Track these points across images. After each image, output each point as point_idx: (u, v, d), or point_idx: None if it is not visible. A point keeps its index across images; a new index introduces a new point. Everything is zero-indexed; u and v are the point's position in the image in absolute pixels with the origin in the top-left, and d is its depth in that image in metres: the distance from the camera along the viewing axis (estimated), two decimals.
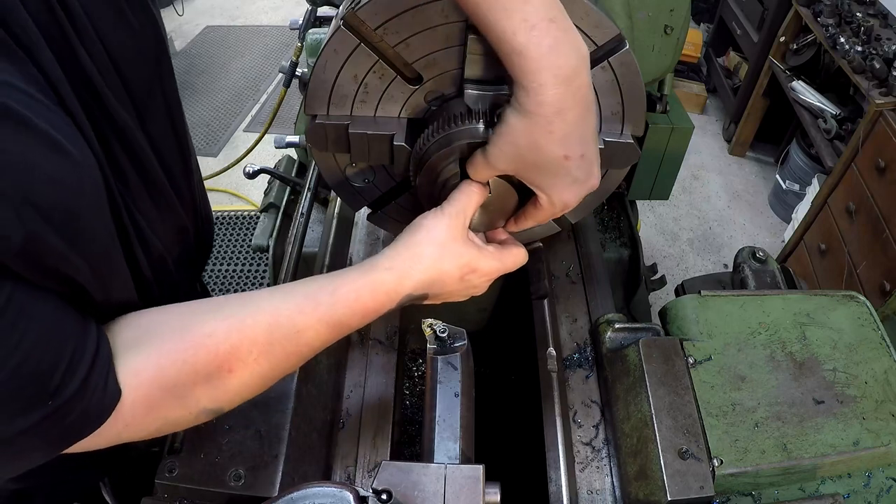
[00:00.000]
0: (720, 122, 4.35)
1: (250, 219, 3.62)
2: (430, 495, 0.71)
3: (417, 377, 1.50)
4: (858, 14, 2.73)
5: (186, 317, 0.67)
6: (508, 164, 0.76)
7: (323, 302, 0.70)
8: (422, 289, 0.75)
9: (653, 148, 1.55)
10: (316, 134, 0.95)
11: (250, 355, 0.66)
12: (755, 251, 1.27)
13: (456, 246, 0.77)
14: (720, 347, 0.98)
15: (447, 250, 0.76)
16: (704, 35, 4.56)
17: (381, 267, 0.74)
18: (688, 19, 1.31)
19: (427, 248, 0.76)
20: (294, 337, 0.68)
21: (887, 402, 0.92)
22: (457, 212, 0.79)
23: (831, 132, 2.88)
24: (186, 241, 0.94)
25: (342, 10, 0.91)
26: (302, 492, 0.67)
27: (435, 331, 0.93)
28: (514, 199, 0.92)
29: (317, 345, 0.71)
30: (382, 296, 0.73)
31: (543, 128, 0.68)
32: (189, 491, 0.82)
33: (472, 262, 0.78)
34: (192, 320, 0.66)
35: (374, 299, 0.72)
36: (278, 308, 0.68)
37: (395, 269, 0.74)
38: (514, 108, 0.71)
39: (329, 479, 0.94)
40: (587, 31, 0.87)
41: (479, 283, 0.82)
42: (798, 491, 0.89)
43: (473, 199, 0.81)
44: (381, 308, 0.74)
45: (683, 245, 3.49)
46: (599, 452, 0.99)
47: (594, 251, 1.34)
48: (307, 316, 0.69)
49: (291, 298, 0.70)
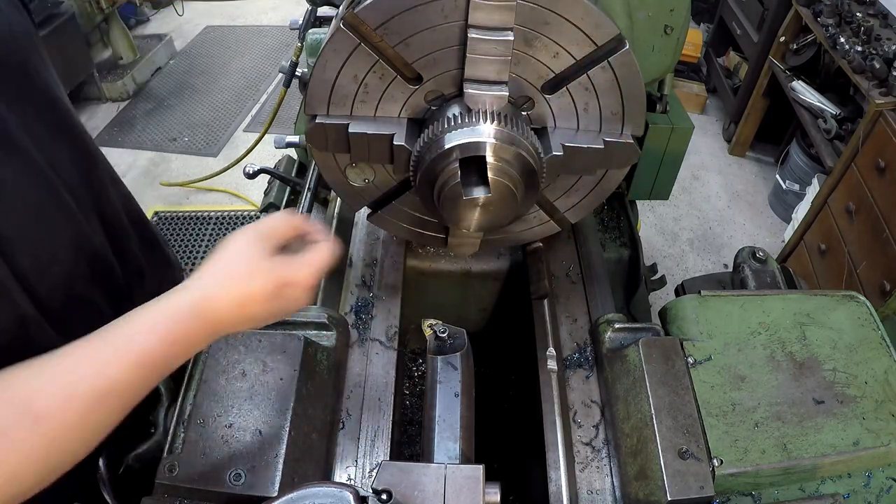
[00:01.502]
0: (720, 122, 4.35)
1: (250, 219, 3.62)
2: (430, 495, 0.71)
3: (417, 377, 1.50)
4: (858, 14, 2.73)
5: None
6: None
7: (121, 333, 0.65)
8: (232, 309, 0.70)
9: (653, 148, 1.55)
10: (316, 134, 0.95)
11: (52, 404, 0.60)
12: (755, 251, 1.27)
13: (263, 262, 0.72)
14: (720, 347, 0.98)
15: (254, 267, 0.71)
16: (704, 35, 4.56)
17: (179, 289, 0.70)
18: (688, 19, 1.31)
19: (231, 266, 0.72)
20: (97, 382, 0.62)
21: (887, 402, 0.92)
22: (266, 230, 0.75)
23: (831, 132, 2.88)
24: (88, 252, 0.90)
25: (342, 10, 0.91)
26: (302, 492, 0.67)
27: (435, 331, 0.93)
28: (514, 200, 0.92)
29: (125, 385, 0.64)
30: (184, 320, 0.67)
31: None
32: (189, 491, 0.82)
33: (284, 276, 0.72)
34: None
35: (174, 325, 0.67)
36: (80, 350, 0.64)
37: (194, 289, 0.69)
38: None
39: (329, 479, 0.94)
40: (587, 31, 0.87)
41: (298, 295, 0.75)
42: (798, 491, 0.89)
43: (288, 220, 0.78)
44: (188, 335, 0.68)
45: (683, 245, 3.49)
46: (599, 452, 0.99)
47: (594, 251, 1.34)
48: (106, 352, 0.64)
49: (96, 336, 0.65)
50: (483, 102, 0.89)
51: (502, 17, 0.84)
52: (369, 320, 1.16)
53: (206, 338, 0.71)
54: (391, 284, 1.23)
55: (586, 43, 0.88)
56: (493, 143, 0.88)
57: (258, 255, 0.72)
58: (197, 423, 0.86)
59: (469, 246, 1.17)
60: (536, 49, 0.89)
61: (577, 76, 0.92)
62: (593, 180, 1.08)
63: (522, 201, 0.94)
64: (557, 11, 0.85)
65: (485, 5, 0.82)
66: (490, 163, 0.88)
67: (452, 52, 0.88)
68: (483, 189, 0.89)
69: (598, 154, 0.98)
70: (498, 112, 0.89)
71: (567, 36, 0.88)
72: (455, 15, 0.84)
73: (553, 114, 0.97)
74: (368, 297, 1.20)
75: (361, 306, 1.18)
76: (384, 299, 1.20)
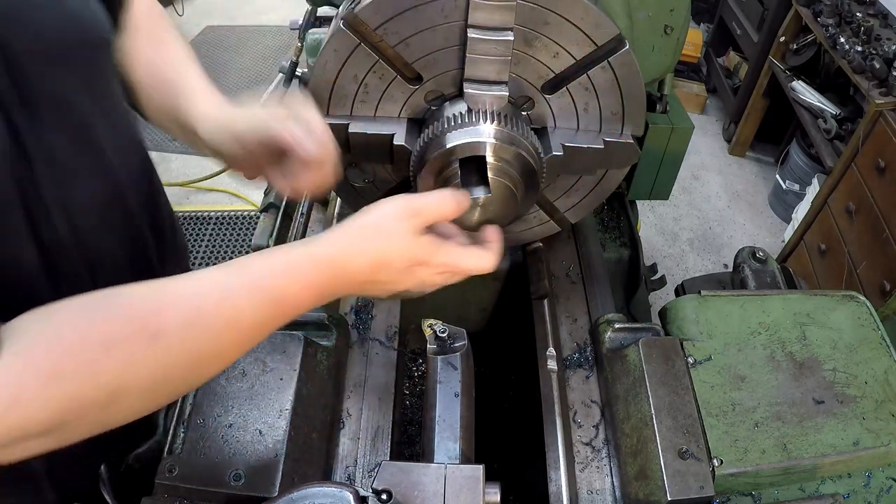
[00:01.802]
0: (720, 122, 4.35)
1: (250, 219, 3.62)
2: (430, 495, 0.71)
3: (417, 377, 1.50)
4: (858, 14, 2.73)
5: (99, 294, 0.58)
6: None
7: (253, 268, 0.63)
8: (366, 267, 0.69)
9: (653, 148, 1.55)
10: None
11: (174, 322, 0.57)
12: (755, 251, 1.27)
13: (406, 235, 0.70)
14: (720, 347, 0.98)
15: (395, 233, 0.70)
16: (704, 35, 4.56)
17: (321, 240, 0.68)
18: (688, 19, 1.31)
19: (372, 227, 0.70)
20: (223, 306, 0.60)
21: (887, 402, 0.92)
22: (419, 206, 0.72)
23: (831, 132, 2.88)
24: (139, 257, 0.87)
25: (342, 10, 0.91)
26: (302, 492, 0.67)
27: (435, 331, 0.93)
28: (514, 200, 0.92)
29: (250, 320, 0.62)
30: (323, 268, 0.66)
31: None
32: (189, 491, 0.82)
33: (422, 255, 0.71)
34: (106, 293, 0.57)
35: (312, 269, 0.66)
36: (204, 275, 0.61)
37: (336, 244, 0.68)
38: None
39: (329, 479, 0.94)
40: (587, 31, 0.87)
41: (430, 278, 0.73)
42: (798, 491, 0.89)
43: (444, 205, 0.74)
44: (321, 283, 0.66)
45: (683, 245, 3.49)
46: (599, 452, 0.99)
47: (594, 251, 1.34)
48: (236, 281, 0.61)
49: (221, 268, 0.63)
50: (483, 102, 0.90)
51: (502, 17, 0.84)
52: (369, 320, 1.16)
53: (338, 291, 0.69)
54: None
55: (586, 43, 0.88)
56: (493, 143, 0.88)
57: (403, 226, 0.70)
58: (197, 423, 0.86)
59: None
60: (536, 49, 0.89)
61: (577, 76, 0.92)
62: (593, 180, 1.08)
63: (522, 201, 0.94)
64: (557, 11, 0.85)
65: (485, 5, 0.82)
66: (490, 163, 0.88)
67: (452, 52, 0.88)
68: (483, 189, 0.89)
69: (598, 154, 0.98)
70: (498, 112, 0.89)
71: (567, 36, 0.88)
72: (455, 15, 0.84)
73: (553, 114, 0.97)
74: (368, 297, 1.20)
75: (361, 306, 1.18)
76: (384, 299, 1.20)
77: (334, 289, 0.69)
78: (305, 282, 0.65)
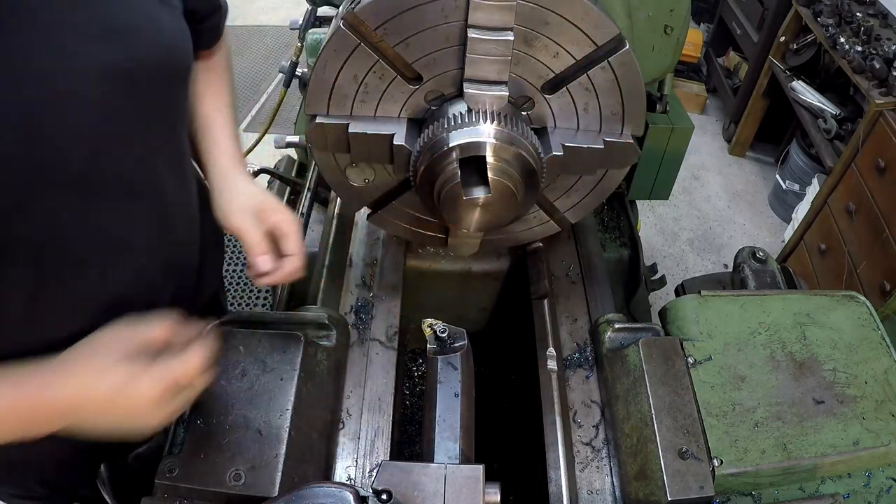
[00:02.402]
0: (720, 122, 4.35)
1: None
2: (430, 495, 0.71)
3: (417, 377, 1.51)
4: (858, 14, 2.73)
5: None
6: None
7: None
8: (66, 400, 0.66)
9: (653, 148, 1.55)
10: (316, 134, 0.95)
11: None
12: (755, 251, 1.27)
13: (110, 362, 0.67)
14: (720, 347, 0.98)
15: (98, 364, 0.67)
16: (704, 35, 4.56)
17: (27, 371, 0.67)
18: (688, 19, 1.31)
19: (80, 358, 0.68)
20: None
21: (887, 402, 0.92)
22: (130, 333, 0.70)
23: (831, 132, 2.88)
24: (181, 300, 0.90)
25: (342, 10, 0.91)
26: (302, 492, 0.67)
27: (435, 331, 0.93)
28: (514, 200, 0.92)
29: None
30: (24, 401, 0.66)
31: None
32: (189, 491, 0.82)
33: (122, 382, 0.66)
34: None
35: (18, 393, 0.65)
36: None
37: (43, 372, 0.66)
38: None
39: (329, 479, 0.94)
40: (587, 31, 0.87)
41: (140, 407, 0.68)
42: (798, 491, 0.89)
43: (159, 330, 0.72)
44: (21, 411, 0.66)
45: (683, 245, 3.49)
46: (599, 452, 0.99)
47: (594, 251, 1.34)
48: None
49: None
50: (483, 102, 0.90)
51: (502, 17, 0.84)
52: (369, 320, 1.16)
53: (42, 423, 0.68)
54: (391, 284, 1.23)
55: (586, 43, 0.88)
56: (493, 143, 0.88)
57: (110, 355, 0.67)
58: (197, 423, 0.86)
59: (469, 246, 1.17)
60: (536, 49, 0.89)
61: (577, 76, 0.92)
62: (593, 180, 1.08)
63: (522, 201, 0.94)
64: (557, 11, 0.85)
65: (485, 5, 0.82)
66: (490, 163, 0.88)
67: (452, 52, 0.88)
68: (483, 189, 0.89)
69: (598, 154, 0.98)
70: (498, 112, 0.89)
71: (567, 36, 0.88)
72: (455, 15, 0.84)
73: (553, 114, 0.97)
74: (368, 297, 1.20)
75: (361, 306, 1.18)
76: (384, 299, 1.20)
77: (41, 419, 0.67)
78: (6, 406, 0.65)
